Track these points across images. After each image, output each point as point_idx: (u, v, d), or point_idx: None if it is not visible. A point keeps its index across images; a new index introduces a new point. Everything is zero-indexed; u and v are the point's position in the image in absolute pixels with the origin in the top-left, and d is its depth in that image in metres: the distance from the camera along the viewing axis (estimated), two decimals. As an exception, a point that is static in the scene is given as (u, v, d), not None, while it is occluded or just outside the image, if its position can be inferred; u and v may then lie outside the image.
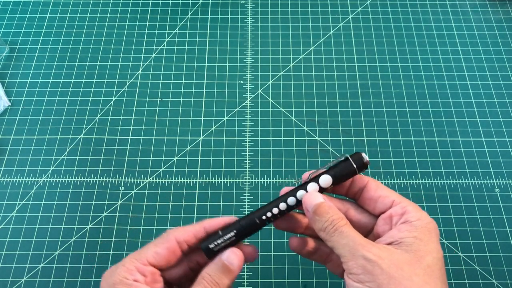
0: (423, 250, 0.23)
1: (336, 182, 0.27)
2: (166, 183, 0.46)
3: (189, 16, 0.58)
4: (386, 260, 0.23)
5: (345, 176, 0.27)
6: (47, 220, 0.44)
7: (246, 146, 0.48)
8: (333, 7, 0.58)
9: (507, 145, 0.48)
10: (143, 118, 0.50)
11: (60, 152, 0.48)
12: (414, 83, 0.52)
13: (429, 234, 0.24)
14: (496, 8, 0.58)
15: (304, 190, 0.27)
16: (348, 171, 0.27)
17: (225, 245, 0.27)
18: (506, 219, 0.44)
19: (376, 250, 0.23)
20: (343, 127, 0.49)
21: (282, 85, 0.52)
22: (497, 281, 0.41)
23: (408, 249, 0.23)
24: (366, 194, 0.28)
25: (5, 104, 0.51)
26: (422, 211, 0.26)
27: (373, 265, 0.22)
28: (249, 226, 0.27)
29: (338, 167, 0.27)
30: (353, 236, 0.24)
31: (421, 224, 0.24)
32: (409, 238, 0.24)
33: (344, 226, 0.25)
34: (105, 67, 0.54)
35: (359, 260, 0.23)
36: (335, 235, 0.24)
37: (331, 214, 0.25)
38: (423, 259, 0.23)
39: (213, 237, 0.27)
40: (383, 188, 0.27)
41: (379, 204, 0.27)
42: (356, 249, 0.23)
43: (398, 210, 0.26)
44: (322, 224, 0.25)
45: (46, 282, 0.41)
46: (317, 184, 0.27)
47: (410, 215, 0.25)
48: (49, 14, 0.58)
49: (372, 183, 0.28)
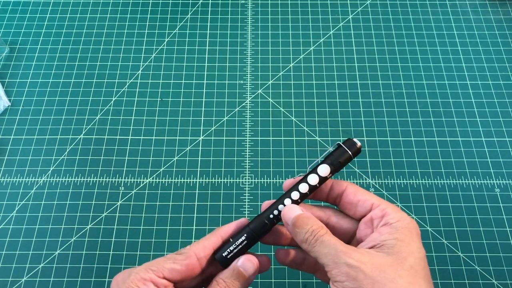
0: (405, 251, 0.23)
1: (334, 171, 0.28)
2: (166, 183, 0.46)
3: (189, 16, 0.58)
4: (369, 265, 0.23)
5: (341, 163, 0.27)
6: (47, 220, 0.44)
7: (246, 146, 0.48)
8: (333, 7, 0.58)
9: (507, 145, 0.48)
10: (143, 118, 0.50)
11: (60, 152, 0.48)
12: (414, 83, 0.52)
13: (410, 234, 0.24)
14: (496, 8, 0.58)
15: (305, 183, 0.28)
16: (343, 157, 0.27)
17: (238, 251, 0.27)
18: (506, 219, 0.44)
19: (357, 255, 0.23)
20: (343, 127, 0.49)
21: (282, 85, 0.52)
22: (497, 281, 0.41)
23: (390, 251, 0.23)
24: (345, 198, 0.28)
25: (5, 104, 0.51)
26: (402, 212, 0.26)
27: (356, 271, 0.22)
28: (259, 227, 0.27)
29: (333, 155, 0.28)
30: (334, 244, 0.24)
31: (401, 225, 0.24)
32: (390, 240, 0.24)
33: (324, 235, 0.25)
34: (105, 67, 0.54)
35: (342, 267, 0.23)
36: (317, 245, 0.24)
37: (310, 224, 0.25)
38: (405, 260, 0.23)
39: (226, 245, 0.27)
40: (362, 191, 0.28)
41: (359, 208, 0.27)
42: (338, 257, 0.23)
43: (378, 212, 0.26)
44: (303, 235, 0.25)
45: (46, 282, 0.41)
46: (317, 175, 0.27)
47: (389, 217, 0.25)
48: (49, 14, 0.58)
49: (351, 188, 0.28)
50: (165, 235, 0.44)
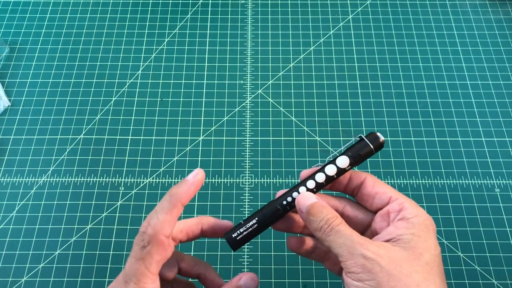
0: (421, 247, 0.23)
1: (353, 163, 0.27)
2: (166, 183, 0.46)
3: (189, 16, 0.58)
4: (385, 258, 0.22)
5: (362, 156, 0.27)
6: (47, 220, 0.44)
7: (246, 146, 0.48)
8: (333, 7, 0.58)
9: (507, 145, 0.48)
10: (143, 118, 0.50)
11: (60, 152, 0.48)
12: (414, 83, 0.52)
13: (426, 230, 0.24)
14: (496, 8, 0.58)
15: (322, 173, 0.27)
16: (364, 150, 0.27)
17: (248, 234, 0.27)
18: (506, 219, 0.44)
19: (374, 248, 0.23)
20: (343, 127, 0.49)
21: (282, 85, 0.52)
22: (497, 281, 0.41)
23: (406, 246, 0.23)
24: (363, 190, 0.28)
25: (5, 104, 0.51)
26: (419, 208, 0.25)
27: (372, 263, 0.22)
28: (270, 212, 0.27)
29: (354, 148, 0.27)
30: (350, 235, 0.24)
31: (418, 220, 0.24)
32: (407, 235, 0.24)
33: (339, 225, 0.24)
34: (105, 67, 0.54)
35: (358, 258, 0.23)
36: (332, 234, 0.24)
37: (325, 213, 0.25)
38: (421, 256, 0.23)
39: (236, 226, 0.27)
40: (381, 184, 0.27)
41: (377, 201, 0.27)
42: (354, 248, 0.23)
43: (395, 206, 0.26)
44: (317, 224, 0.25)
45: (46, 282, 0.41)
46: (335, 166, 0.27)
47: (407, 211, 0.25)
48: (49, 14, 0.58)
49: (370, 179, 0.28)
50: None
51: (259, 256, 0.43)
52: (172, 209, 0.25)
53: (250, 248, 0.43)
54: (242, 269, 0.42)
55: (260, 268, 0.42)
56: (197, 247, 0.43)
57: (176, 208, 0.25)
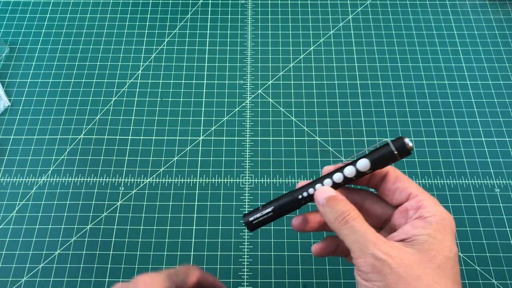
0: (435, 249, 0.23)
1: (374, 167, 0.26)
2: (166, 183, 0.46)
3: (189, 16, 0.58)
4: (396, 259, 0.22)
5: (384, 161, 0.26)
6: (47, 220, 0.44)
7: (246, 146, 0.48)
8: (333, 7, 0.58)
9: (507, 145, 0.48)
10: (143, 118, 0.50)
11: (60, 152, 0.48)
12: (414, 83, 0.52)
13: (443, 231, 0.23)
14: (496, 8, 0.58)
15: (340, 173, 0.27)
16: (388, 156, 0.26)
17: (263, 219, 0.28)
18: (506, 219, 0.44)
19: (386, 248, 0.23)
20: (343, 127, 0.49)
21: (282, 85, 0.52)
22: (497, 281, 0.41)
23: (420, 248, 0.23)
24: (385, 185, 0.27)
25: (5, 104, 0.51)
26: (439, 206, 0.25)
27: (383, 264, 0.22)
28: (286, 204, 0.28)
29: (378, 152, 0.26)
30: (363, 232, 0.23)
31: (435, 220, 0.24)
32: (422, 235, 0.23)
33: (355, 220, 0.24)
34: (105, 67, 0.54)
35: (369, 258, 0.22)
36: (346, 228, 0.24)
37: (341, 205, 0.25)
38: (434, 258, 0.22)
39: (254, 211, 0.28)
40: (403, 179, 0.27)
41: (397, 196, 0.26)
42: (366, 247, 0.23)
43: (414, 204, 0.25)
44: (332, 215, 0.25)
45: (46, 282, 0.41)
46: (355, 168, 0.27)
47: (425, 210, 0.24)
48: (49, 14, 0.58)
49: (392, 174, 0.27)
50: (165, 235, 0.44)
51: (259, 256, 0.43)
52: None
53: (250, 248, 0.43)
54: (242, 269, 0.42)
55: (260, 268, 0.42)
56: (197, 247, 0.43)
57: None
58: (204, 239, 0.43)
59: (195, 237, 0.44)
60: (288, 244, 0.43)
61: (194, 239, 0.43)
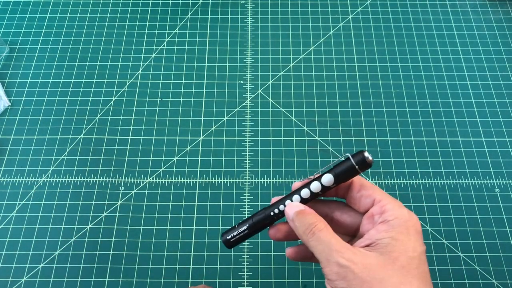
0: (397, 251, 0.23)
1: (338, 181, 0.27)
2: (166, 183, 0.46)
3: (189, 16, 0.58)
4: (359, 265, 0.23)
5: (346, 175, 0.27)
6: (47, 220, 0.44)
7: (246, 146, 0.48)
8: (333, 7, 0.58)
9: (507, 145, 0.48)
10: (143, 118, 0.50)
11: (60, 152, 0.48)
12: (414, 83, 0.52)
13: (406, 232, 0.24)
14: (496, 8, 0.58)
15: (307, 189, 0.28)
16: (350, 170, 0.27)
17: (239, 237, 0.30)
18: (506, 219, 0.44)
19: (349, 255, 0.23)
20: (343, 127, 0.49)
21: (282, 85, 0.52)
22: (497, 281, 0.41)
23: (383, 251, 0.23)
24: (351, 193, 0.28)
25: (5, 104, 0.51)
26: (402, 208, 0.25)
27: (346, 271, 0.23)
28: (260, 221, 0.29)
29: (340, 166, 0.27)
30: (328, 242, 0.24)
31: (398, 223, 0.24)
32: (385, 239, 0.24)
33: (321, 231, 0.25)
34: (105, 67, 0.54)
35: (333, 266, 0.23)
36: (313, 239, 0.25)
37: (308, 219, 0.26)
38: (397, 260, 0.23)
39: (231, 230, 0.30)
40: (367, 186, 0.27)
41: (363, 203, 0.27)
42: (331, 255, 0.23)
43: (378, 209, 0.26)
44: (301, 228, 0.26)
45: (46, 282, 0.41)
46: (320, 183, 0.27)
47: (388, 214, 0.25)
48: (49, 14, 0.58)
49: (356, 182, 0.28)
50: (165, 235, 0.44)
51: (259, 256, 0.43)
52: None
53: (250, 248, 0.43)
54: (242, 269, 0.42)
55: (260, 268, 0.42)
56: (197, 247, 0.43)
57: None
58: (204, 239, 0.43)
59: (195, 237, 0.44)
60: (288, 244, 0.43)
61: (194, 239, 0.43)
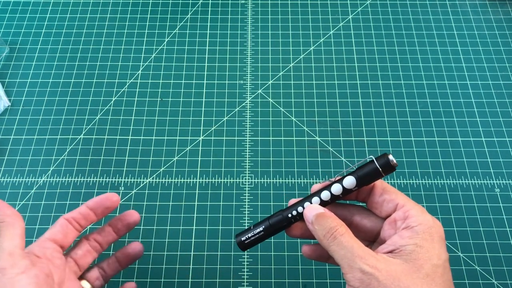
0: (422, 258, 0.23)
1: (360, 184, 0.27)
2: (166, 183, 0.46)
3: (189, 16, 0.58)
4: (383, 272, 0.22)
5: (369, 178, 0.27)
6: (47, 220, 0.44)
7: (246, 146, 0.48)
8: (333, 7, 0.58)
9: (507, 145, 0.48)
10: (143, 118, 0.50)
11: (60, 152, 0.48)
12: (414, 83, 0.52)
13: (430, 239, 0.24)
14: (496, 8, 0.58)
15: (328, 191, 0.27)
16: (373, 173, 0.26)
17: (255, 239, 0.29)
18: (506, 219, 0.44)
19: (373, 261, 0.23)
20: (343, 127, 0.49)
21: (282, 85, 0.52)
22: (497, 281, 0.41)
23: (408, 258, 0.23)
24: (372, 197, 0.28)
25: (5, 104, 0.51)
26: (426, 214, 0.25)
27: (370, 278, 0.22)
28: (277, 223, 0.28)
29: (364, 169, 0.27)
30: (351, 247, 0.24)
31: (422, 229, 0.24)
32: (409, 245, 0.23)
33: (343, 235, 0.24)
34: (105, 67, 0.54)
35: (357, 273, 0.23)
36: (334, 244, 0.24)
37: (329, 222, 0.25)
38: (422, 268, 0.23)
39: (246, 231, 0.29)
40: (390, 190, 0.27)
41: (385, 208, 0.27)
42: (354, 261, 0.23)
43: (401, 214, 0.26)
44: (321, 232, 0.25)
45: (46, 282, 0.41)
46: (341, 186, 0.27)
47: (412, 219, 0.25)
48: (49, 14, 0.58)
49: (378, 186, 0.27)
50: (165, 235, 0.44)
51: (259, 256, 0.43)
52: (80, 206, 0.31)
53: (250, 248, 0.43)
54: (242, 269, 0.42)
55: (260, 268, 0.42)
56: (197, 247, 0.43)
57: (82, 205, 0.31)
58: (204, 239, 0.43)
59: (195, 237, 0.44)
60: (288, 244, 0.43)
61: (194, 239, 0.43)
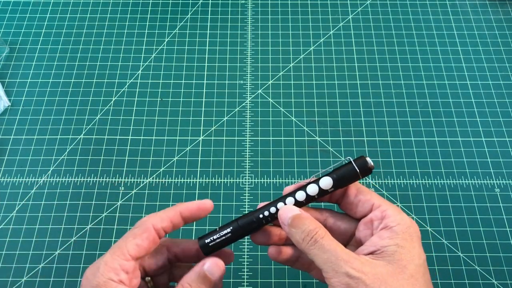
0: (405, 259, 0.23)
1: (337, 185, 0.27)
2: (166, 183, 0.46)
3: (189, 16, 0.58)
4: (370, 275, 0.22)
5: (347, 180, 0.26)
6: (47, 220, 0.44)
7: (246, 146, 0.48)
8: (333, 7, 0.58)
9: (507, 145, 0.48)
10: (143, 118, 0.50)
11: (60, 152, 0.48)
12: (414, 83, 0.52)
13: (410, 239, 0.24)
14: (496, 8, 0.58)
15: (303, 191, 0.27)
16: (350, 175, 0.26)
17: (221, 241, 0.27)
18: (506, 219, 0.44)
19: (358, 264, 0.23)
20: (343, 127, 0.49)
21: (282, 85, 0.52)
22: (497, 281, 0.41)
23: (391, 259, 0.23)
24: (347, 199, 0.27)
25: (5, 104, 0.51)
26: (402, 214, 0.25)
27: (357, 282, 0.22)
28: (246, 224, 0.27)
29: (341, 170, 0.26)
30: (334, 250, 0.23)
31: (401, 229, 0.24)
32: (391, 246, 0.23)
33: (323, 238, 0.24)
34: (105, 67, 0.54)
35: (342, 277, 0.22)
36: (315, 248, 0.24)
37: (307, 224, 0.25)
38: (406, 268, 0.23)
39: (210, 233, 0.27)
40: (364, 191, 0.27)
41: (360, 208, 0.27)
42: (339, 265, 0.22)
43: (378, 214, 0.25)
44: (299, 235, 0.24)
45: (46, 282, 0.41)
46: (318, 186, 0.27)
47: (390, 219, 0.25)
48: (49, 14, 0.58)
49: (352, 187, 0.27)
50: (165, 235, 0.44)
51: (259, 256, 0.43)
52: (169, 211, 0.26)
53: (250, 248, 0.43)
54: (242, 269, 0.42)
55: (260, 268, 0.42)
56: (197, 247, 0.43)
57: (174, 212, 0.26)
58: (204, 239, 0.43)
59: (195, 237, 0.43)
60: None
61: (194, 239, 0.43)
